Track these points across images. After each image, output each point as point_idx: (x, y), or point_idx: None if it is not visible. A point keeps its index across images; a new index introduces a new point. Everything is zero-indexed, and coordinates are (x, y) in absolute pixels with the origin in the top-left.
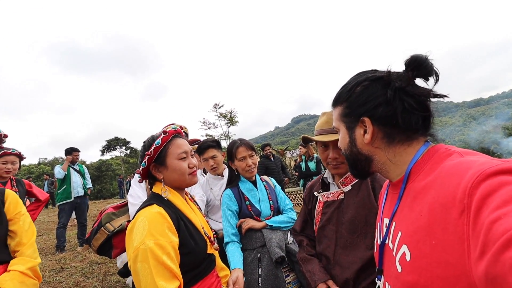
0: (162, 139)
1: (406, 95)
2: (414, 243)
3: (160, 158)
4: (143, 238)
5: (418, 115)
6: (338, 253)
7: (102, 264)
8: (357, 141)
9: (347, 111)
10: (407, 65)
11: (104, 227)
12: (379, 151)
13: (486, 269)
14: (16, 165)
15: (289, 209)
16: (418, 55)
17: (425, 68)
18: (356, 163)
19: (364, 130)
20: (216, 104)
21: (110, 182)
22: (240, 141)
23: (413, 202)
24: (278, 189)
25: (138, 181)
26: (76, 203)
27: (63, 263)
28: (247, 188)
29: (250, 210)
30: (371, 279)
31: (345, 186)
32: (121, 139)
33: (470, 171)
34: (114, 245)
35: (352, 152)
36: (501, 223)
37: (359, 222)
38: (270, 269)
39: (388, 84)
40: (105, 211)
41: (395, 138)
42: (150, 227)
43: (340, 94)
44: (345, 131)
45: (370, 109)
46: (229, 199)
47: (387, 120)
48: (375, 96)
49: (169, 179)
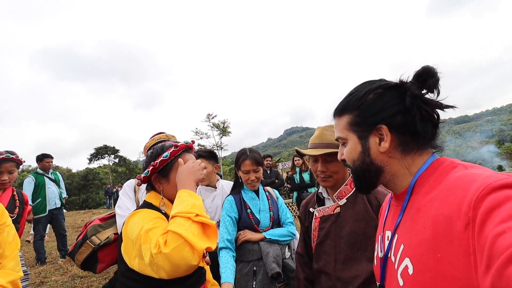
0: (171, 153)
1: (424, 103)
2: (418, 256)
3: (164, 171)
4: (140, 225)
5: (432, 124)
6: (338, 269)
7: (84, 278)
8: (371, 150)
9: (358, 119)
10: (419, 75)
11: (89, 240)
12: (393, 160)
13: (491, 284)
14: (14, 173)
15: (289, 223)
16: (429, 66)
17: (434, 80)
18: (364, 174)
19: (379, 138)
20: (209, 114)
21: (96, 191)
22: (249, 152)
23: (417, 214)
24: (280, 201)
25: (136, 185)
26: (53, 214)
27: (43, 277)
28: (249, 197)
29: (251, 218)
30: None
31: (340, 199)
32: (110, 147)
33: (475, 184)
34: (100, 259)
35: (364, 162)
36: (505, 237)
37: (358, 235)
38: (265, 284)
39: (405, 92)
40: (90, 223)
41: (409, 146)
42: (146, 216)
43: (347, 102)
44: (357, 140)
45: (387, 117)
46: (230, 206)
47: (405, 128)
48: (392, 104)
49: (168, 193)
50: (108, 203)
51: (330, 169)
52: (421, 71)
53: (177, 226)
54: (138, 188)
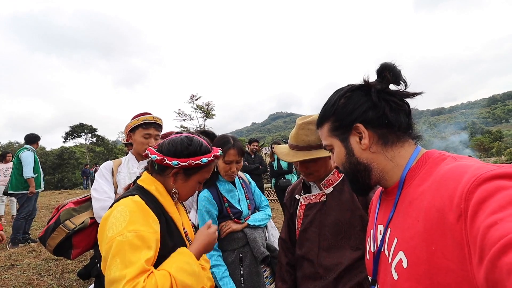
0: (209, 161)
1: (389, 95)
2: (411, 250)
3: (190, 171)
4: (121, 228)
5: (404, 113)
6: (322, 256)
7: (59, 261)
8: (354, 150)
9: (336, 124)
10: (379, 72)
11: (63, 224)
12: (377, 155)
13: (485, 275)
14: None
15: (265, 206)
16: (387, 63)
17: (394, 74)
18: (356, 175)
19: (359, 137)
20: (193, 96)
21: (72, 171)
22: (233, 141)
23: (409, 207)
24: (253, 186)
25: (144, 155)
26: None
27: (14, 259)
28: (226, 189)
29: (229, 212)
30: (356, 281)
31: (327, 188)
32: (87, 126)
33: (466, 176)
34: (75, 244)
35: (351, 163)
36: (496, 228)
37: (343, 224)
38: (253, 268)
39: (369, 90)
40: (63, 206)
41: (388, 139)
42: (132, 217)
43: (324, 112)
44: (340, 144)
45: (360, 114)
46: (209, 203)
47: (379, 122)
48: (362, 102)
49: (178, 189)
50: (85, 184)
51: (309, 168)
52: (380, 68)
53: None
54: (117, 170)
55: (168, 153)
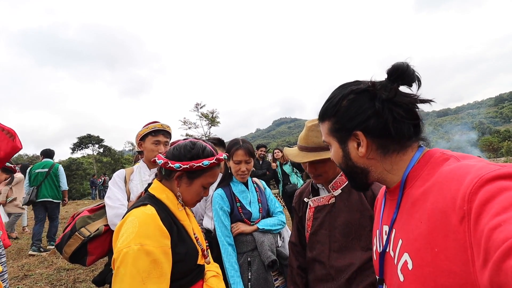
0: (211, 164)
1: (395, 105)
2: (416, 251)
3: (193, 174)
4: (129, 240)
5: (409, 124)
6: (333, 257)
7: (71, 271)
8: (351, 154)
9: (336, 126)
10: (390, 74)
11: (78, 232)
12: (375, 162)
13: (489, 278)
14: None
15: (279, 212)
16: (399, 64)
17: (407, 75)
18: (353, 176)
19: (357, 143)
20: (197, 104)
21: (80, 182)
22: (242, 142)
23: (412, 208)
24: (268, 192)
25: (152, 161)
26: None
27: (27, 270)
28: (239, 190)
29: (240, 212)
30: (369, 281)
31: (335, 190)
32: (94, 137)
33: (468, 176)
34: (90, 251)
35: (347, 165)
36: (501, 230)
37: (353, 225)
38: (261, 273)
39: (375, 95)
40: (78, 214)
41: (389, 148)
42: (140, 229)
43: (326, 109)
44: (337, 145)
45: (361, 122)
46: (221, 199)
47: (380, 132)
48: (364, 109)
49: (183, 194)
50: (93, 194)
51: (318, 169)
52: (391, 70)
53: None
54: (129, 178)
55: (172, 157)
